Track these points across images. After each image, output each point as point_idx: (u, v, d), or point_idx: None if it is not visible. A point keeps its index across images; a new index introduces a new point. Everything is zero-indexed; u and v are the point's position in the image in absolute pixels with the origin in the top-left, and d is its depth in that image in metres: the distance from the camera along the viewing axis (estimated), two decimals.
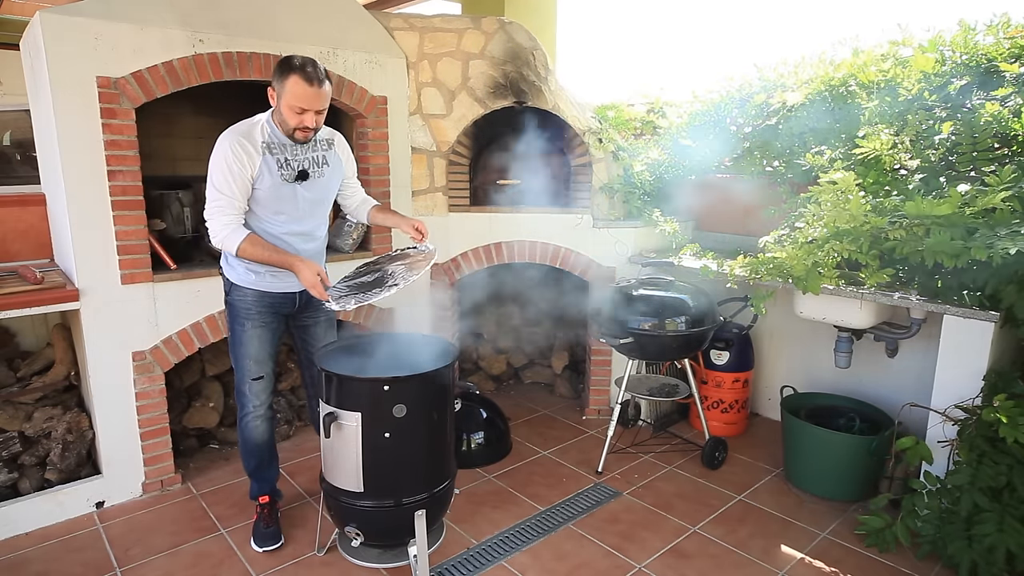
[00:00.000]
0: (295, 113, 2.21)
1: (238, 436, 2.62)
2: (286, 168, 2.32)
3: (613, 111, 4.23)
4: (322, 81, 2.20)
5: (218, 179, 2.23)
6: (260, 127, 2.30)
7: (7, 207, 3.02)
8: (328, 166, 2.45)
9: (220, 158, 2.23)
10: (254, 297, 2.43)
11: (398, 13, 3.85)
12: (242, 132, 2.27)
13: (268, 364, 2.53)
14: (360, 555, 2.48)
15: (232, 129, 2.28)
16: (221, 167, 2.22)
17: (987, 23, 2.87)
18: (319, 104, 2.23)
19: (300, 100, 2.19)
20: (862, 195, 2.58)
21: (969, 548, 2.26)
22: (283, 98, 2.21)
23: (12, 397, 2.85)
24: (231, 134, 2.26)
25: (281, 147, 2.32)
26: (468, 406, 3.45)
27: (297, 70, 2.16)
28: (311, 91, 2.17)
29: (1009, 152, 2.66)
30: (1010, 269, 2.30)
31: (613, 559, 2.55)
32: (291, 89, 2.17)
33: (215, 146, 2.25)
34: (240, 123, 2.31)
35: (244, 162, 2.23)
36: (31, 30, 2.65)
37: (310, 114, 2.22)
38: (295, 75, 2.15)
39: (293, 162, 2.34)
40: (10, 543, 2.62)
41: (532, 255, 3.75)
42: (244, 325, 2.45)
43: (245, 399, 2.52)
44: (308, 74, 2.16)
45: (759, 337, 3.82)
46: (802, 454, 3.04)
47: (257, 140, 2.27)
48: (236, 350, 2.49)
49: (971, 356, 2.44)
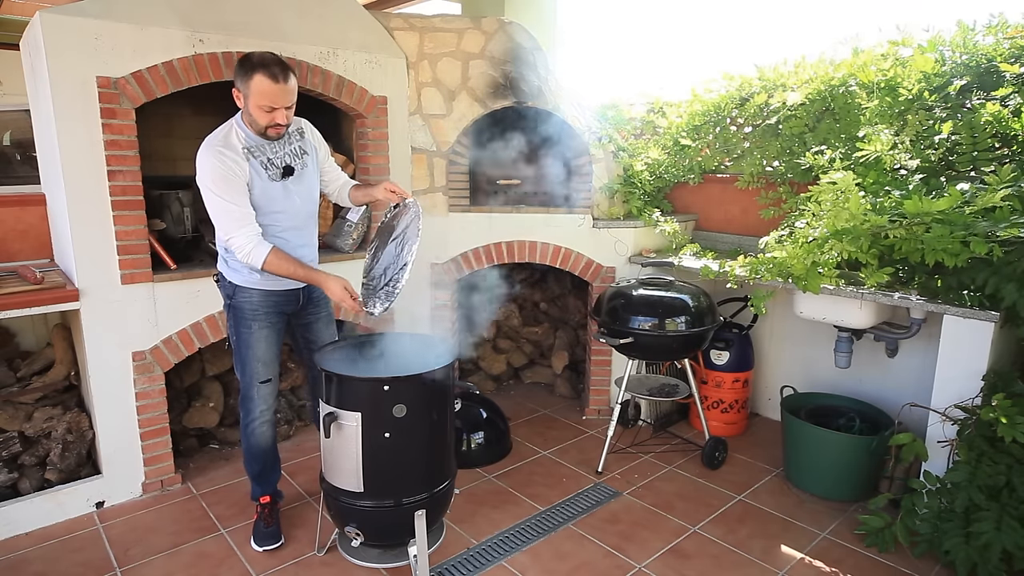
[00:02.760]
0: (264, 112, 2.17)
1: (242, 441, 2.59)
2: (271, 168, 2.30)
3: (613, 111, 4.23)
4: (287, 76, 2.15)
5: (221, 191, 2.18)
6: (234, 133, 2.25)
7: (7, 207, 3.02)
8: (307, 154, 2.43)
9: (213, 171, 2.17)
10: (259, 297, 2.41)
11: (398, 13, 3.85)
12: (220, 143, 2.21)
13: (274, 366, 2.52)
14: (360, 555, 2.48)
15: (208, 143, 2.22)
16: (218, 179, 2.17)
17: (986, 23, 2.87)
18: (288, 100, 2.19)
19: (268, 99, 2.14)
20: (861, 194, 2.58)
21: (967, 547, 2.26)
22: (250, 98, 2.17)
23: (12, 397, 2.85)
24: (210, 148, 2.20)
25: (259, 148, 2.28)
26: (468, 406, 3.46)
27: (261, 68, 2.11)
28: (277, 88, 2.13)
29: (1009, 152, 2.66)
30: (1010, 267, 2.30)
31: (613, 559, 2.55)
32: (257, 88, 2.13)
33: (199, 164, 2.20)
34: (212, 135, 2.25)
35: (235, 171, 2.20)
36: (31, 30, 2.65)
37: (280, 111, 2.18)
38: (259, 74, 2.11)
39: (276, 160, 2.31)
40: (10, 543, 2.62)
41: (532, 255, 3.75)
42: (251, 327, 2.43)
43: (252, 404, 2.50)
44: (273, 72, 2.11)
45: (759, 337, 3.82)
46: (802, 454, 3.04)
47: (237, 147, 2.23)
48: (243, 353, 2.45)
49: (971, 356, 2.44)
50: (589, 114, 3.88)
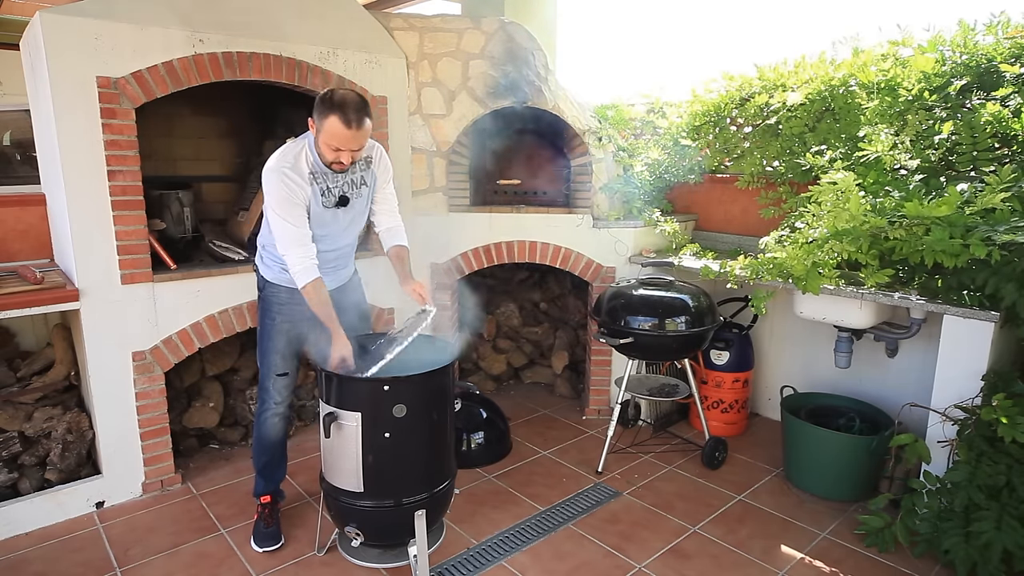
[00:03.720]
0: (331, 150, 2.22)
1: (253, 431, 2.65)
2: (327, 196, 2.36)
3: (613, 111, 4.23)
4: (361, 123, 2.18)
5: (284, 213, 2.26)
6: (304, 155, 2.30)
7: (7, 207, 3.02)
8: (366, 186, 2.48)
9: (278, 194, 2.24)
10: (287, 293, 2.50)
11: (398, 13, 3.85)
12: (290, 164, 2.27)
13: (293, 361, 2.58)
14: (360, 555, 2.48)
15: (280, 160, 2.27)
16: (283, 202, 2.25)
17: (986, 23, 2.87)
18: (356, 145, 2.23)
19: (337, 140, 2.19)
20: (861, 195, 2.58)
21: (967, 546, 2.26)
22: (321, 134, 2.21)
23: (12, 397, 2.85)
24: (278, 171, 2.25)
25: (323, 175, 2.34)
26: (468, 406, 3.46)
27: (338, 110, 2.15)
28: (348, 133, 2.17)
29: (1009, 152, 2.66)
30: (1010, 267, 2.30)
31: (613, 559, 2.55)
32: (329, 129, 2.18)
33: (265, 176, 2.27)
34: (285, 151, 2.31)
35: (299, 194, 2.27)
36: (31, 30, 2.65)
37: (346, 152, 2.23)
38: (334, 115, 2.15)
39: (334, 189, 2.38)
40: (10, 543, 2.62)
41: (532, 255, 3.75)
42: (274, 319, 2.52)
43: (267, 395, 2.56)
44: (348, 117, 2.15)
45: (759, 337, 3.82)
46: (802, 454, 3.04)
47: (304, 171, 2.28)
48: (264, 344, 2.54)
49: (971, 356, 2.44)
50: (589, 114, 3.88)
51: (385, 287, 3.09)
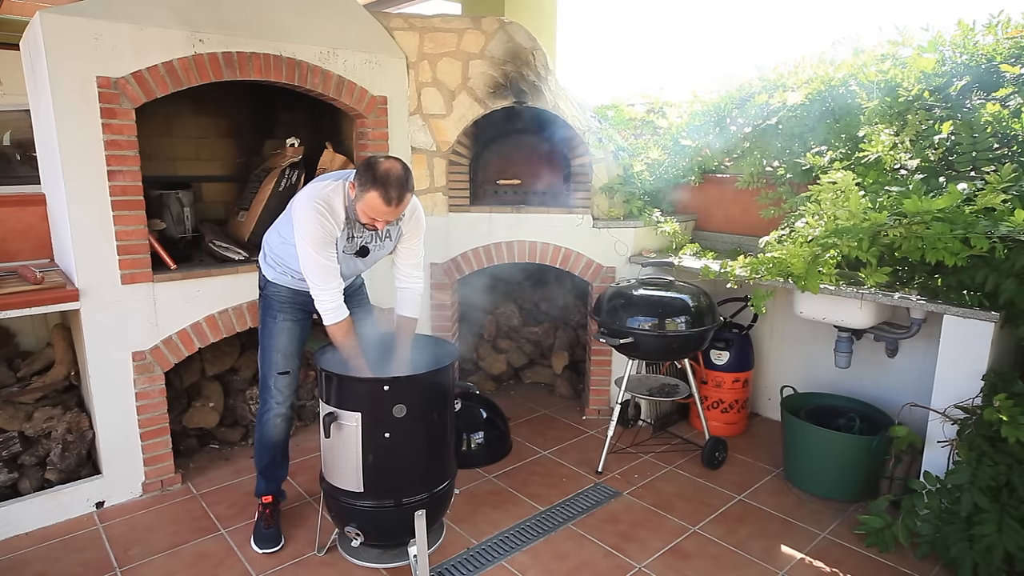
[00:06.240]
0: (367, 217, 2.21)
1: (255, 430, 2.65)
2: (351, 242, 2.37)
3: (613, 111, 4.23)
4: (402, 200, 2.15)
5: (315, 249, 2.24)
6: (341, 199, 2.26)
7: (7, 207, 3.02)
8: (389, 239, 2.47)
9: (312, 232, 2.22)
10: (288, 293, 2.52)
11: (398, 13, 3.85)
12: (326, 202, 2.23)
13: (295, 360, 2.58)
14: (360, 555, 2.48)
15: (316, 195, 2.24)
16: (316, 240, 2.23)
17: (986, 23, 2.87)
18: (393, 217, 2.21)
19: (375, 213, 2.18)
20: (861, 193, 2.58)
21: (969, 548, 2.26)
22: (360, 202, 2.18)
23: (12, 397, 2.85)
24: (312, 206, 2.22)
25: (352, 225, 2.33)
26: (468, 406, 3.45)
27: (380, 186, 2.11)
28: (387, 210, 2.15)
29: (1009, 152, 2.66)
30: (1008, 262, 2.30)
31: (613, 559, 2.55)
32: (369, 202, 2.15)
33: (300, 207, 2.24)
34: (318, 186, 2.28)
35: (333, 234, 2.26)
36: (31, 30, 2.65)
37: (381, 222, 2.23)
38: (375, 191, 2.12)
39: (358, 238, 2.38)
40: (10, 543, 2.62)
41: (532, 255, 3.75)
42: (276, 318, 2.52)
43: (269, 394, 2.56)
44: (389, 195, 2.12)
45: (759, 337, 3.82)
46: (802, 454, 3.04)
47: (340, 216, 2.26)
48: (266, 342, 2.55)
49: (971, 356, 2.44)
50: (589, 114, 3.88)
51: (385, 287, 3.09)
